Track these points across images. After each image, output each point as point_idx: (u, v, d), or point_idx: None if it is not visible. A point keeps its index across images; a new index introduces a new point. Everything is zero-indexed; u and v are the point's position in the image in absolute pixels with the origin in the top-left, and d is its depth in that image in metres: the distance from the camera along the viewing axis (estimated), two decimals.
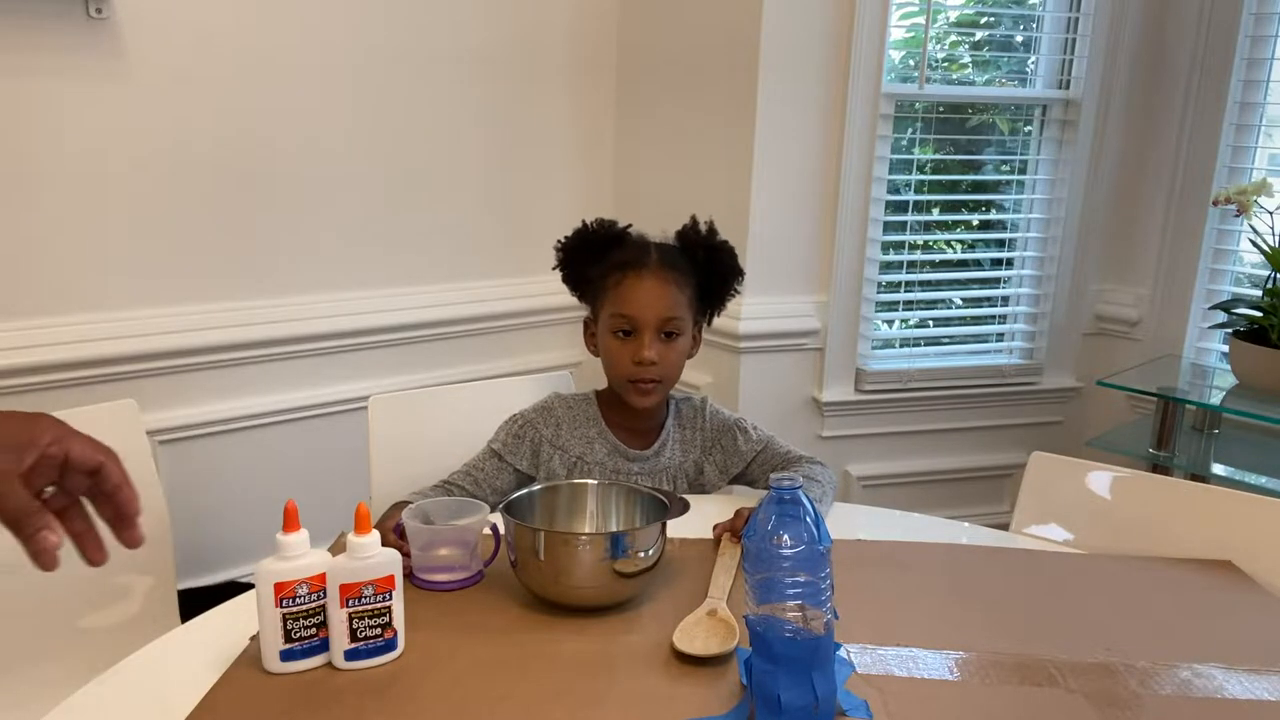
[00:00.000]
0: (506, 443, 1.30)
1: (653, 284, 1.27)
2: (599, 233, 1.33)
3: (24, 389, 1.71)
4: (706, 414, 1.37)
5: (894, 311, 2.39)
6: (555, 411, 1.33)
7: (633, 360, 1.26)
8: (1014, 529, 1.35)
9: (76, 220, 1.75)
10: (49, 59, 1.68)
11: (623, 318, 1.27)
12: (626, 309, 1.27)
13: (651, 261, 1.28)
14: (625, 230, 1.34)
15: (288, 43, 1.91)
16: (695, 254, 1.32)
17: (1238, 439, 2.15)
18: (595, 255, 1.32)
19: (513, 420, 1.33)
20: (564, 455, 1.30)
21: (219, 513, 1.97)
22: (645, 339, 1.26)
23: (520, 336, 2.32)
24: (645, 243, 1.32)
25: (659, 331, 1.27)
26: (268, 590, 0.85)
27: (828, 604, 0.79)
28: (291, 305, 2.00)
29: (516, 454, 1.30)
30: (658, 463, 1.33)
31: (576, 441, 1.31)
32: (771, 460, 1.34)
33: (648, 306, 1.26)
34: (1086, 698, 0.86)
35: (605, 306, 1.30)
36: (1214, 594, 1.09)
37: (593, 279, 1.32)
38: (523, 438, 1.30)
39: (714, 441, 1.36)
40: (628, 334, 1.28)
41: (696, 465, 1.36)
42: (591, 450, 1.31)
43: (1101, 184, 2.36)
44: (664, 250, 1.31)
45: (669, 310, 1.27)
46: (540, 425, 1.31)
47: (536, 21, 2.22)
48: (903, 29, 2.22)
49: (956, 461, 2.44)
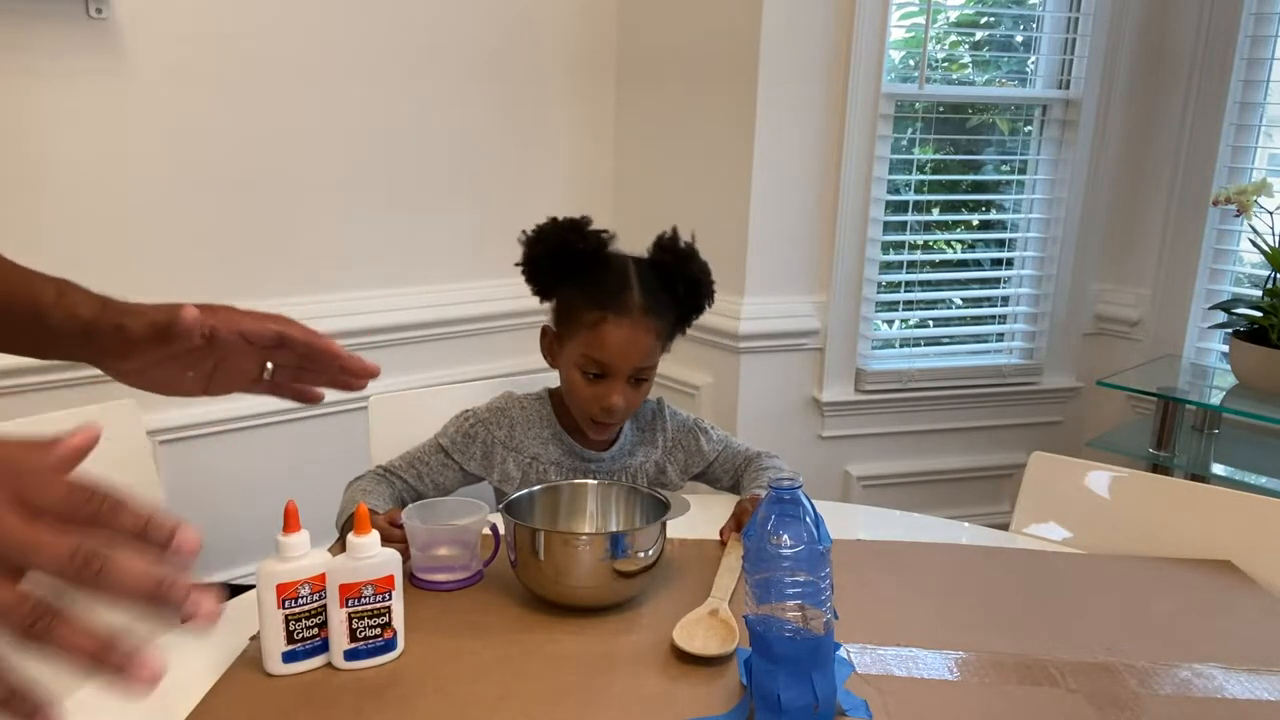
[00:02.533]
0: (455, 440, 1.26)
1: (633, 334, 1.21)
2: (575, 241, 1.24)
3: (24, 389, 1.71)
4: (666, 415, 1.35)
5: (894, 311, 2.39)
6: (509, 412, 1.29)
7: (599, 404, 1.22)
8: (1014, 529, 1.35)
9: (75, 220, 1.75)
10: (49, 59, 1.68)
11: (596, 362, 1.21)
12: (603, 356, 1.21)
13: (634, 307, 1.21)
14: (604, 243, 1.26)
15: (287, 43, 1.91)
16: (675, 288, 1.26)
17: (1238, 439, 2.15)
18: (563, 268, 1.25)
19: (464, 417, 1.28)
20: (518, 457, 1.27)
21: (219, 513, 1.97)
22: (616, 385, 1.21)
23: (520, 336, 2.32)
24: (626, 274, 1.24)
25: (630, 378, 1.23)
26: (270, 592, 0.85)
27: (828, 604, 0.79)
28: (291, 305, 1.97)
29: (465, 453, 1.26)
30: (615, 464, 1.32)
31: (531, 442, 1.28)
32: (732, 459, 1.34)
33: (624, 357, 1.21)
34: (1086, 698, 0.86)
35: (577, 340, 1.23)
36: (1214, 594, 1.09)
37: (568, 302, 1.25)
38: (474, 438, 1.27)
39: (675, 443, 1.34)
40: (597, 375, 1.22)
41: (658, 466, 1.34)
42: (546, 450, 1.28)
43: (1101, 184, 2.36)
44: (646, 289, 1.23)
45: (644, 360, 1.22)
46: (493, 426, 1.27)
47: (537, 21, 2.22)
48: (903, 29, 2.22)
49: (956, 461, 2.44)
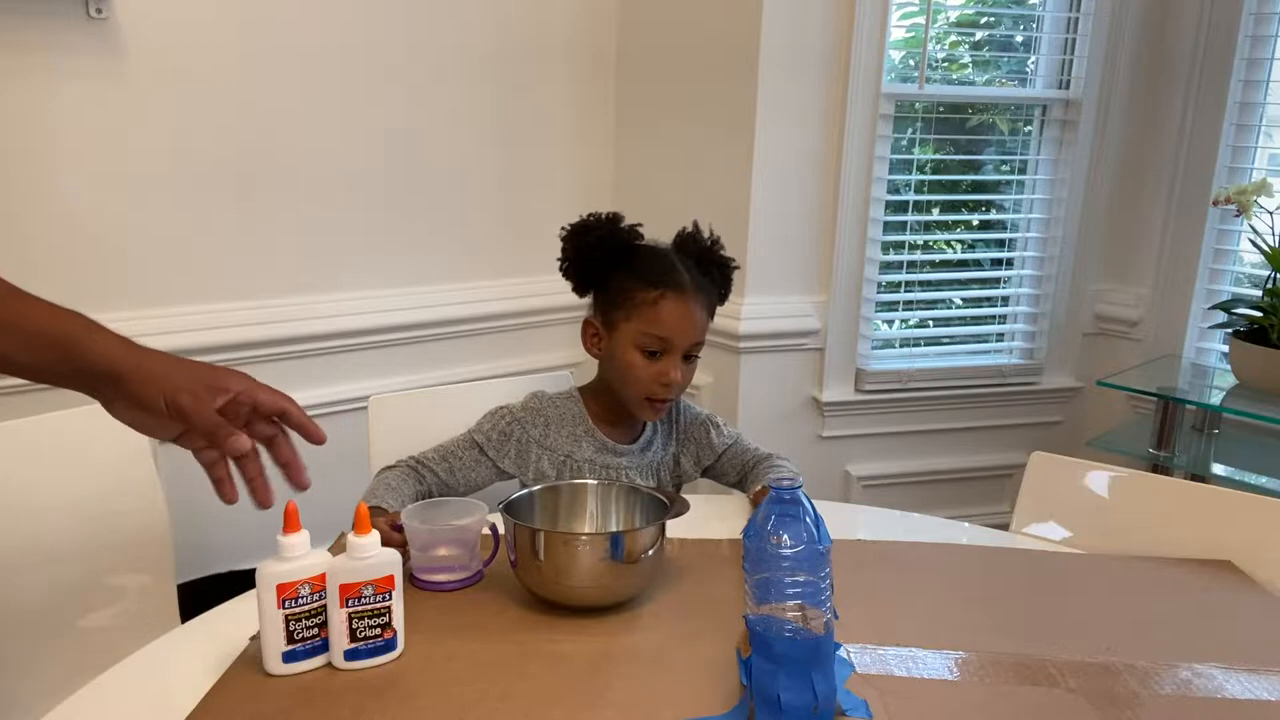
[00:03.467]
0: (491, 437, 1.28)
1: (690, 309, 1.26)
2: (620, 233, 1.29)
3: (23, 389, 1.71)
4: (681, 408, 1.39)
5: (894, 311, 2.39)
6: (544, 411, 1.32)
7: (659, 381, 1.26)
8: (1014, 529, 1.35)
9: (75, 220, 1.75)
10: (49, 59, 1.67)
11: (657, 339, 1.26)
12: (664, 331, 1.25)
13: (689, 284, 1.27)
14: (641, 234, 1.31)
15: (287, 43, 1.91)
16: (711, 273, 1.32)
17: (1238, 439, 2.15)
18: (611, 257, 1.29)
19: (499, 414, 1.30)
20: (552, 455, 1.30)
21: (219, 513, 1.95)
22: (674, 360, 1.26)
23: (520, 336, 2.32)
24: (670, 257, 1.30)
25: (686, 354, 1.28)
26: (270, 592, 0.85)
27: (827, 604, 0.79)
28: (291, 305, 2.00)
29: (500, 451, 1.28)
30: (644, 457, 1.34)
31: (564, 440, 1.30)
32: (740, 456, 1.36)
33: (684, 332, 1.26)
34: (1086, 698, 0.86)
35: (635, 320, 1.26)
36: (1214, 594, 1.09)
37: (621, 287, 1.28)
38: (509, 436, 1.29)
39: (687, 434, 1.38)
40: (654, 353, 1.26)
41: (675, 457, 1.38)
42: (579, 448, 1.30)
43: (1101, 184, 2.36)
44: (690, 270, 1.29)
45: (700, 335, 1.28)
46: (528, 425, 1.30)
47: (537, 22, 2.22)
48: (903, 29, 2.22)
49: (956, 461, 2.44)
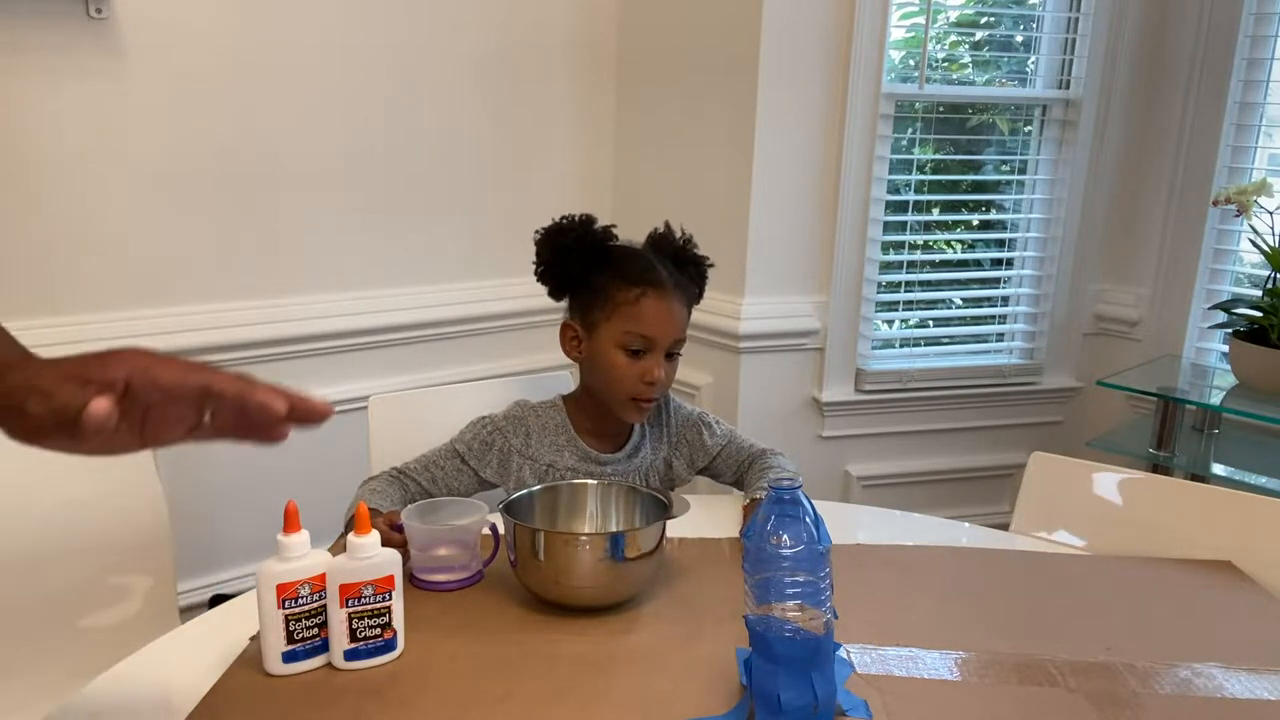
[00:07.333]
0: (472, 446, 1.28)
1: (671, 306, 1.26)
2: (595, 234, 1.29)
3: None
4: (670, 410, 1.38)
5: (894, 311, 2.39)
6: (525, 421, 1.31)
7: (642, 380, 1.25)
8: (1014, 529, 1.35)
9: (75, 220, 1.75)
10: (49, 59, 1.68)
11: (640, 337, 1.25)
12: (646, 329, 1.25)
13: (668, 282, 1.26)
14: (612, 234, 1.31)
15: (288, 43, 1.91)
16: (688, 271, 1.32)
17: (1238, 439, 2.15)
18: (588, 258, 1.28)
19: (481, 424, 1.30)
20: (534, 465, 1.29)
21: (219, 513, 1.97)
22: (658, 359, 1.26)
23: (520, 336, 2.32)
24: (647, 256, 1.30)
25: (668, 352, 1.28)
26: (270, 592, 0.85)
27: (827, 604, 0.79)
28: (291, 305, 2.00)
29: (482, 460, 1.27)
30: (631, 464, 1.33)
31: (546, 450, 1.29)
32: (736, 454, 1.35)
33: (666, 329, 1.26)
34: (1086, 698, 0.86)
35: (616, 320, 1.26)
36: (1214, 594, 1.09)
37: (599, 288, 1.27)
38: (491, 445, 1.28)
39: (679, 436, 1.37)
40: (637, 352, 1.26)
41: (666, 461, 1.36)
42: (561, 457, 1.29)
43: (1101, 184, 2.36)
44: (667, 268, 1.29)
45: (681, 332, 1.28)
46: (510, 435, 1.29)
47: (536, 22, 2.22)
48: (903, 29, 2.22)
49: (956, 461, 2.44)
